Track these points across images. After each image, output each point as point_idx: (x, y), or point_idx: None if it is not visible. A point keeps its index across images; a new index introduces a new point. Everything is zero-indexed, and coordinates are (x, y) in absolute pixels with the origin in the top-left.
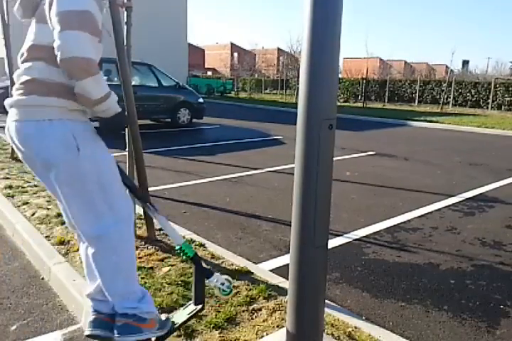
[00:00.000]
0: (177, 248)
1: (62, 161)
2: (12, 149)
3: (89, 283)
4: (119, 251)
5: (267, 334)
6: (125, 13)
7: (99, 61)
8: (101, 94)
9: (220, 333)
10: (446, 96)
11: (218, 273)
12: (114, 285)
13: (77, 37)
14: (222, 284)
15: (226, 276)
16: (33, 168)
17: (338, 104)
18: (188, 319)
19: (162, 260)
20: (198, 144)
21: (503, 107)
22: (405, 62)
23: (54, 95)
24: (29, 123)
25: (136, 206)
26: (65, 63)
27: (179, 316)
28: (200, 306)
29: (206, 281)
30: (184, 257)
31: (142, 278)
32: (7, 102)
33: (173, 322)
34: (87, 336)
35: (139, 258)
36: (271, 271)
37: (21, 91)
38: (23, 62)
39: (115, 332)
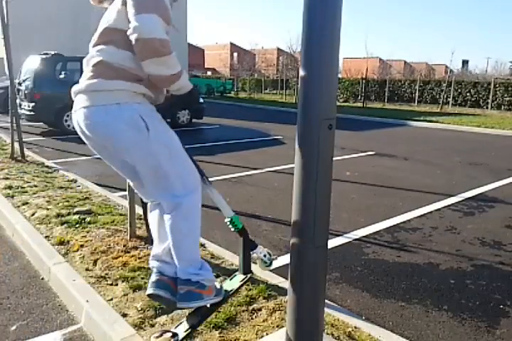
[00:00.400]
0: (227, 220)
1: (134, 143)
2: (12, 149)
3: (157, 244)
4: (191, 217)
5: (266, 334)
6: None
7: None
8: (175, 71)
9: (219, 333)
10: (445, 96)
11: (261, 246)
12: (184, 249)
13: (152, 19)
14: (264, 256)
15: (267, 249)
16: (101, 153)
17: (338, 104)
18: (240, 286)
19: None
20: (198, 144)
21: (502, 107)
22: (405, 62)
23: (121, 79)
24: (98, 108)
25: (136, 206)
26: (142, 43)
27: (230, 285)
28: (249, 275)
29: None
30: (233, 229)
31: (142, 278)
32: (74, 89)
33: (225, 290)
34: (149, 295)
35: (139, 258)
36: (271, 270)
37: (90, 74)
38: (93, 46)
39: (178, 298)
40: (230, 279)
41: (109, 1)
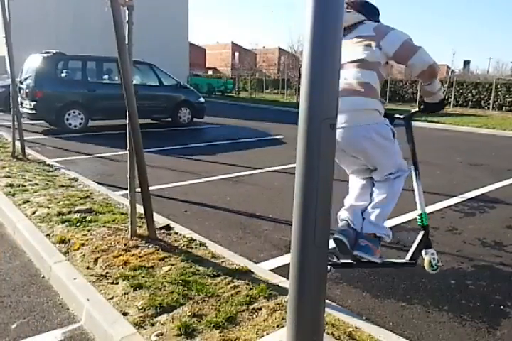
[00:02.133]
0: (418, 213)
1: (384, 149)
2: (13, 148)
3: (354, 202)
4: (394, 191)
5: (267, 333)
6: (126, 11)
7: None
8: (440, 85)
9: (220, 332)
10: (447, 97)
11: (434, 249)
12: (384, 210)
13: (424, 52)
14: (434, 259)
15: (438, 257)
16: (342, 157)
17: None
18: (398, 264)
19: (162, 259)
20: (199, 143)
21: (504, 108)
22: None
23: (377, 99)
24: (363, 128)
25: (137, 205)
26: (427, 71)
27: (393, 259)
28: (413, 262)
29: (423, 251)
30: (419, 223)
31: (143, 277)
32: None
33: (387, 260)
34: (334, 238)
35: (140, 257)
36: (271, 270)
37: (352, 92)
38: (352, 68)
39: (357, 248)
40: (396, 258)
41: (347, 36)
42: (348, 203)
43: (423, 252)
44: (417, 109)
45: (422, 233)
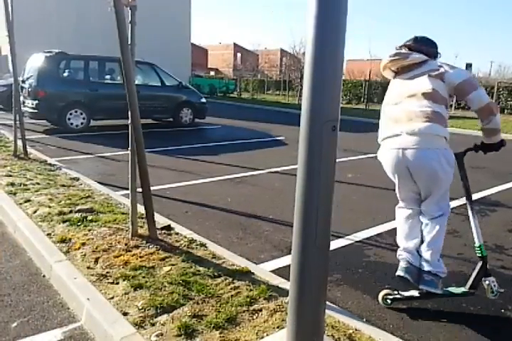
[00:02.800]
0: (477, 245)
1: (446, 176)
2: (15, 147)
3: (407, 240)
4: (442, 226)
5: (267, 334)
6: (129, 11)
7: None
8: (499, 126)
9: (220, 333)
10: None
11: (493, 277)
12: (436, 248)
13: (483, 91)
14: (494, 286)
15: (498, 285)
16: (405, 177)
17: (340, 105)
18: (458, 294)
19: (163, 259)
20: (200, 144)
21: (505, 111)
22: None
23: (445, 127)
24: (434, 151)
25: (138, 205)
26: (485, 108)
27: (454, 289)
28: (472, 291)
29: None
30: (478, 254)
31: (143, 277)
32: (406, 130)
33: (448, 290)
34: (399, 276)
35: (140, 257)
36: (272, 271)
37: (425, 120)
38: (423, 99)
39: (422, 283)
40: (457, 287)
41: (410, 73)
42: (401, 244)
43: (483, 280)
44: (472, 147)
45: (480, 263)
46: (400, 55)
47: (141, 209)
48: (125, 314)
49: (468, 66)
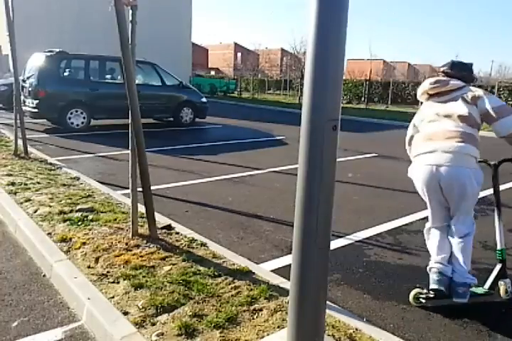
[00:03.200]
0: (499, 248)
1: (474, 193)
2: (15, 146)
3: (438, 253)
4: (469, 241)
5: (267, 334)
6: (130, 11)
7: None
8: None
9: (220, 333)
10: None
11: (509, 280)
12: (466, 260)
13: (510, 120)
14: (509, 287)
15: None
16: (435, 193)
17: (341, 105)
18: (483, 293)
19: (163, 259)
20: (201, 144)
21: None
22: (409, 64)
23: (477, 148)
24: (466, 169)
25: (139, 205)
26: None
27: (475, 289)
28: (492, 291)
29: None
30: (498, 257)
31: (144, 276)
32: (443, 147)
33: (471, 290)
34: (433, 289)
35: (141, 256)
36: (272, 271)
37: (460, 140)
38: (459, 121)
39: (456, 295)
40: (476, 287)
41: (447, 96)
42: (434, 259)
43: (500, 281)
44: (509, 158)
45: (499, 265)
46: (439, 83)
47: (141, 208)
48: (126, 313)
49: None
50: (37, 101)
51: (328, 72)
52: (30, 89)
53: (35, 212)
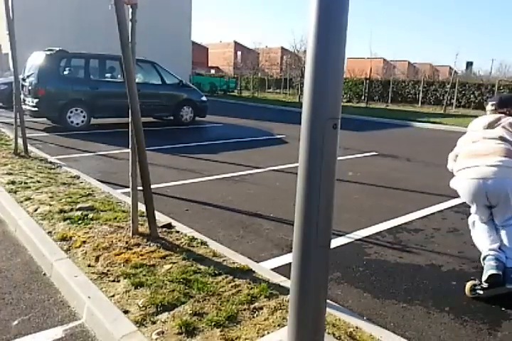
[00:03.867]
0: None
1: None
2: (15, 145)
3: (491, 243)
4: None
5: (268, 333)
6: (130, 9)
7: None
8: None
9: (221, 331)
10: (449, 98)
11: None
12: None
13: None
14: None
15: None
16: (481, 201)
17: (341, 103)
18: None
19: (164, 257)
20: (201, 142)
21: None
22: (409, 62)
23: None
24: (509, 181)
25: (139, 203)
26: None
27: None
28: None
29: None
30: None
31: (144, 275)
32: (487, 162)
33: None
34: (492, 274)
35: (141, 255)
36: (272, 269)
37: (503, 154)
38: (500, 143)
39: (510, 281)
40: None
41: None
42: (486, 248)
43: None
44: None
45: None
46: (492, 123)
47: (141, 207)
48: (126, 312)
49: (469, 64)
50: (37, 99)
51: (328, 71)
52: (30, 87)
53: (36, 210)
